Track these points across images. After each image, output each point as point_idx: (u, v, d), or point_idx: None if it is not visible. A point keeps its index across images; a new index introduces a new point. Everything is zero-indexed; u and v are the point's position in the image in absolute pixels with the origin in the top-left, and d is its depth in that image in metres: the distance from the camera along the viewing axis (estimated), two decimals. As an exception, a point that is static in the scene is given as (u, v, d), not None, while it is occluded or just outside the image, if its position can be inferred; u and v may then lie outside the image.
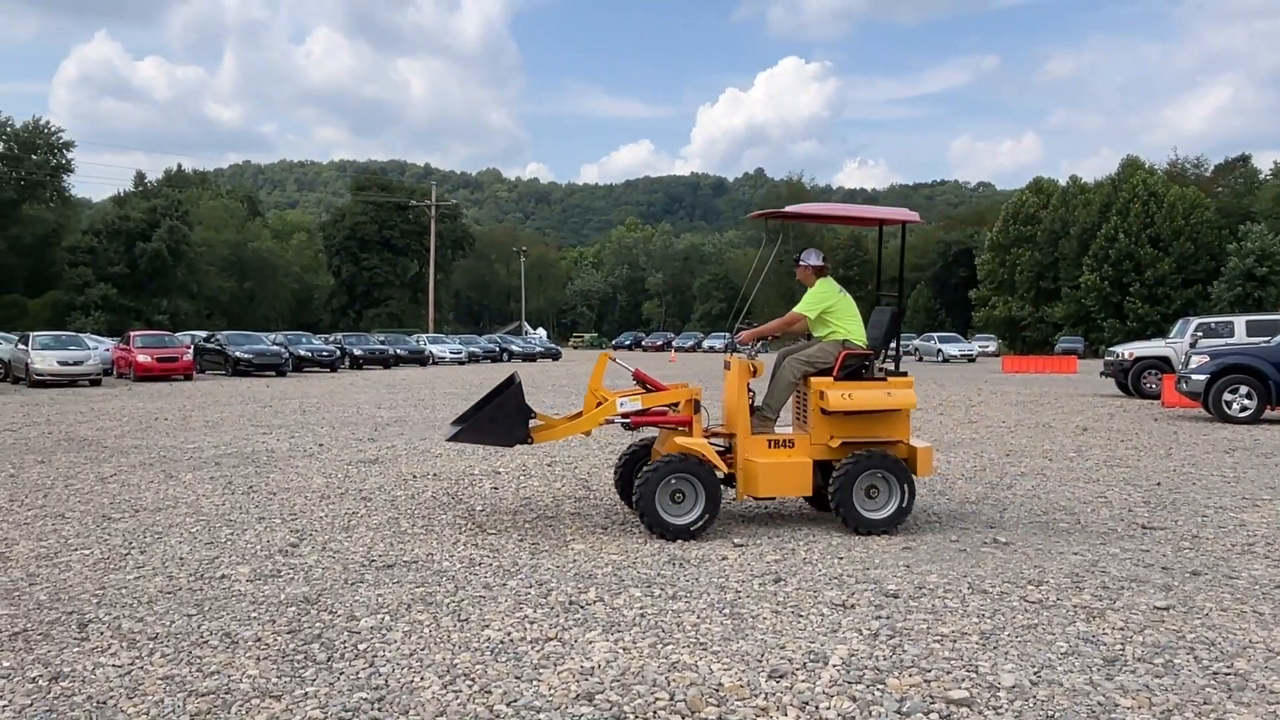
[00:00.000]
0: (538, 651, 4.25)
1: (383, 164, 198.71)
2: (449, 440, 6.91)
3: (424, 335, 50.76)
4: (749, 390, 6.89)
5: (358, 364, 38.18)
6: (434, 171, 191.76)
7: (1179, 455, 11.12)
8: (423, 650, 4.27)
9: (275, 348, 32.31)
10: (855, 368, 6.92)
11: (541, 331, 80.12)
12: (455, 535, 6.64)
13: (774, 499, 7.50)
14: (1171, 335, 23.14)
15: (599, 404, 6.89)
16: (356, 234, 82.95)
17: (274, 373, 30.88)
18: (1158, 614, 4.80)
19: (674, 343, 74.89)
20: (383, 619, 4.72)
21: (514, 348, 53.24)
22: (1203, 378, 15.51)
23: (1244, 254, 56.83)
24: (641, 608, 4.89)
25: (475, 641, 4.39)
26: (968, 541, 6.45)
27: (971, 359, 51.82)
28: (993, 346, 61.42)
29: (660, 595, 5.12)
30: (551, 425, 7.09)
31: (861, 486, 6.64)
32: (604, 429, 7.89)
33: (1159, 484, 8.96)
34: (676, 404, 6.83)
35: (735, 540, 6.42)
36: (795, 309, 7.14)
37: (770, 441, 6.75)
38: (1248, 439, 12.81)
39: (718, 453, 6.69)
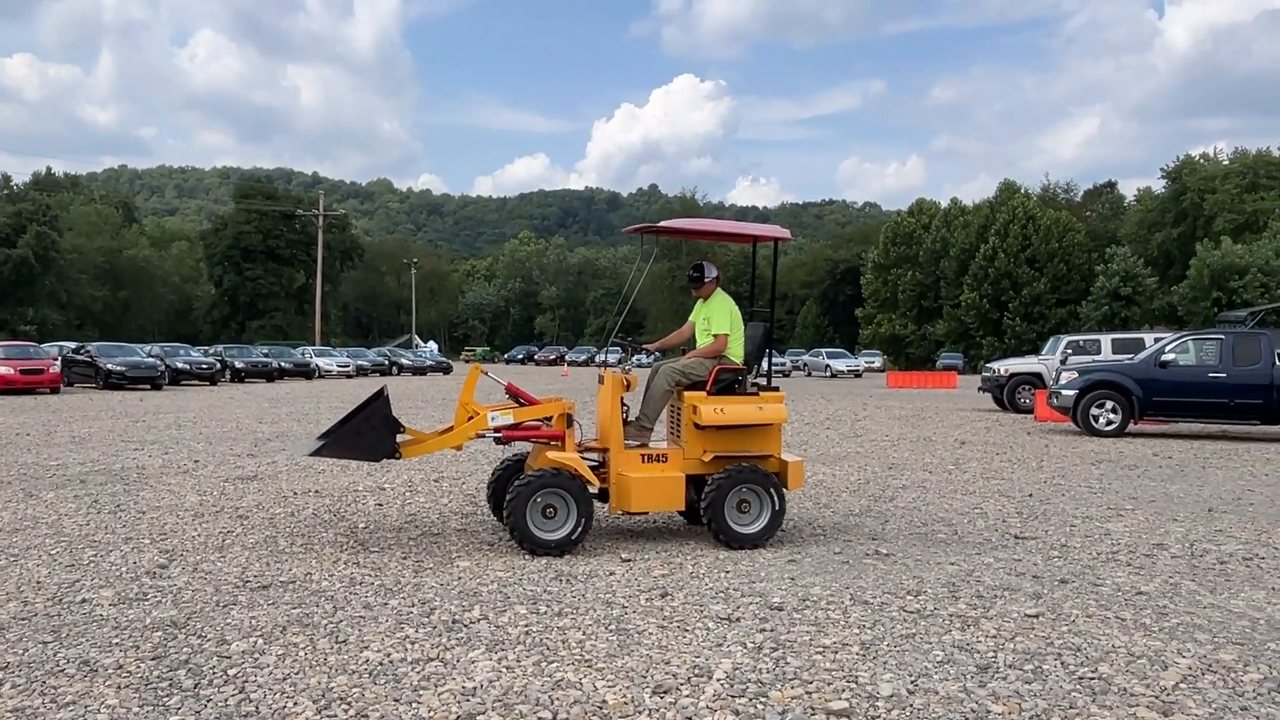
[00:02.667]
0: (418, 672, 4.14)
1: (269, 171, 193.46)
2: (310, 455, 6.68)
3: (310, 348, 49.47)
4: (623, 405, 6.85)
5: (239, 377, 36.93)
6: (323, 180, 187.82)
7: (1050, 467, 11.59)
8: (297, 674, 4.12)
9: (150, 360, 30.99)
10: (729, 382, 6.95)
11: (432, 345, 78.98)
12: (336, 554, 6.45)
13: (648, 514, 7.46)
14: (1044, 352, 24.18)
15: (470, 418, 6.78)
16: (240, 243, 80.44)
17: (149, 386, 29.64)
18: (1028, 621, 4.96)
19: (567, 356, 74.75)
20: (255, 642, 4.54)
21: (404, 361, 52.36)
22: (1072, 393, 16.23)
23: (1110, 275, 59.83)
24: (526, 625, 4.82)
25: (353, 664, 4.26)
26: (851, 553, 6.57)
27: (858, 374, 53.18)
28: (878, 362, 63.21)
29: (546, 612, 5.06)
30: (421, 439, 6.95)
31: (733, 501, 6.65)
32: (487, 445, 7.76)
33: (1031, 495, 9.31)
34: (550, 418, 6.77)
35: (623, 555, 6.41)
36: (715, 330, 7.07)
37: (643, 456, 6.74)
38: (1113, 452, 13.43)
39: (592, 467, 6.64)
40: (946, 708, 3.80)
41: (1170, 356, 16.02)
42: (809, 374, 56.21)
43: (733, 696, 3.89)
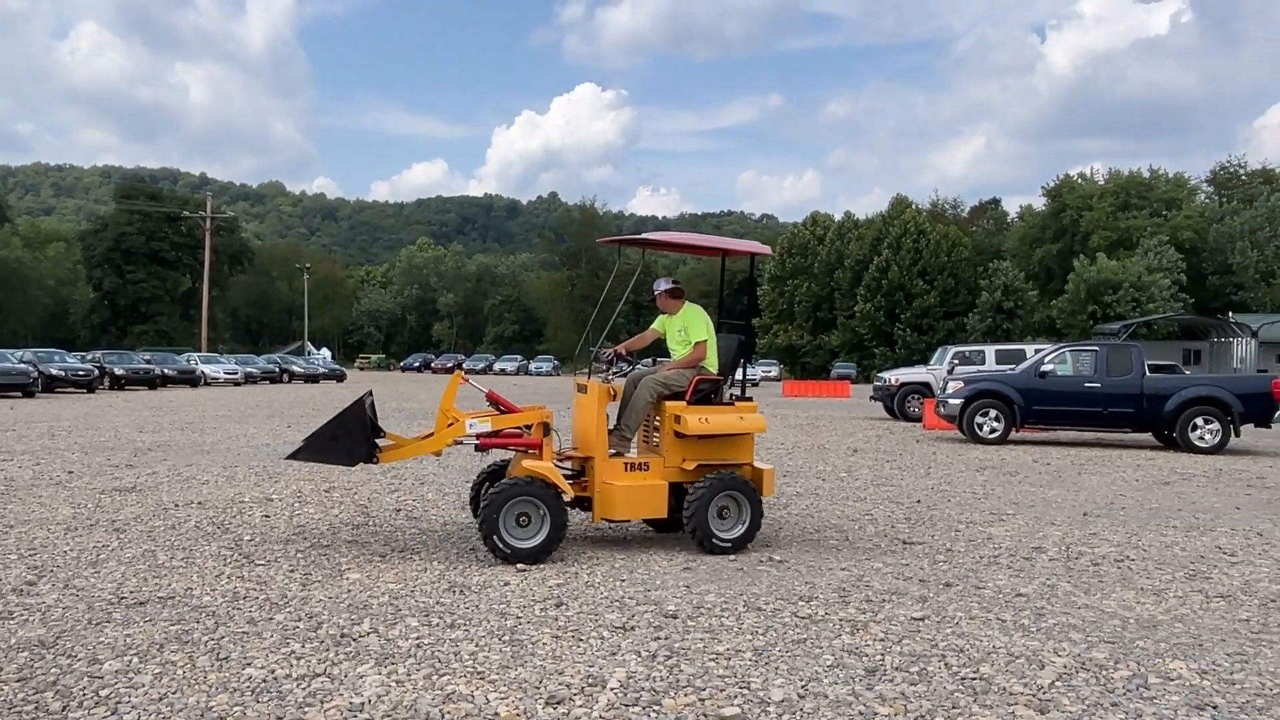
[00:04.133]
0: (303, 689, 4.02)
1: (154, 171, 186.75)
2: (287, 458, 6.59)
3: (196, 354, 47.76)
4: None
5: (119, 384, 35.40)
6: (211, 182, 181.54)
7: (937, 474, 11.94)
8: (174, 694, 3.95)
9: (22, 365, 29.43)
10: (706, 392, 7.08)
11: (325, 352, 77.07)
12: (219, 567, 6.22)
13: (629, 521, 7.50)
14: (932, 363, 24.93)
15: (450, 424, 6.78)
16: (121, 245, 77.27)
17: (20, 393, 28.16)
18: (914, 624, 5.09)
19: (464, 365, 73.93)
20: (130, 661, 4.34)
21: (295, 369, 51.00)
22: (958, 402, 16.77)
23: (994, 289, 62.09)
24: (418, 638, 4.73)
25: (235, 681, 4.11)
26: (745, 560, 6.64)
27: (755, 384, 53.92)
28: (775, 372, 64.23)
29: (438, 624, 4.97)
30: (400, 445, 6.93)
31: (715, 508, 6.79)
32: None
33: (919, 501, 9.56)
34: (529, 426, 6.80)
35: (518, 565, 6.34)
36: (694, 338, 7.15)
37: (626, 464, 6.85)
38: (996, 459, 13.92)
39: (568, 476, 6.68)
40: (836, 711, 3.87)
41: (1049, 367, 16.70)
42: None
43: (626, 705, 3.88)
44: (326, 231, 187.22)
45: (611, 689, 4.06)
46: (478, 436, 6.77)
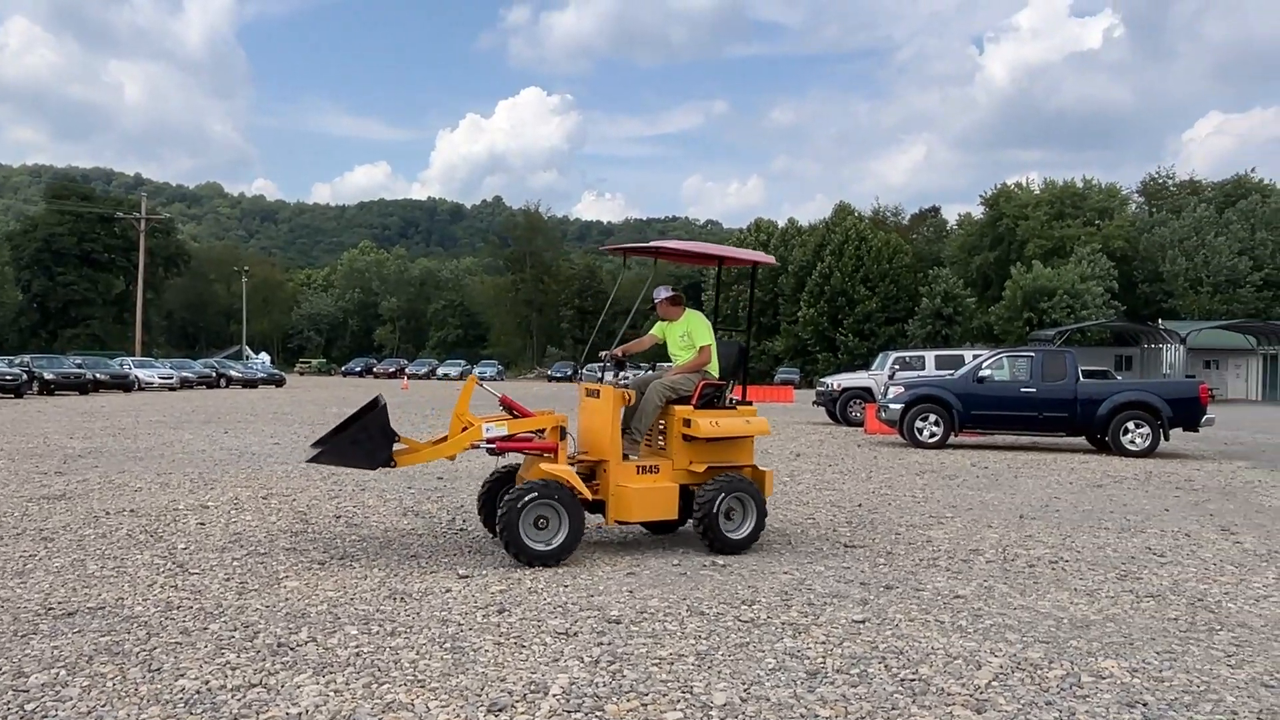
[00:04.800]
0: (238, 700, 3.94)
1: (86, 171, 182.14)
2: (309, 461, 6.62)
3: (129, 358, 46.65)
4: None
5: (49, 389, 34.42)
6: (146, 182, 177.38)
7: (878, 478, 12.09)
8: (104, 707, 3.85)
9: (-54, 370, 28.55)
10: (710, 397, 7.27)
11: (264, 356, 75.81)
12: (152, 576, 6.08)
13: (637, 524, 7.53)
14: (874, 368, 25.26)
15: (464, 428, 6.81)
16: (51, 246, 75.25)
17: (-57, 398, 27.28)
18: (855, 627, 5.14)
19: (408, 369, 73.17)
20: (57, 674, 4.21)
21: (233, 373, 50.03)
22: (898, 407, 17.01)
23: (934, 295, 63.09)
24: (357, 646, 4.66)
25: (167, 693, 4.01)
26: (689, 565, 6.65)
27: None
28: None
29: (378, 632, 4.91)
30: (416, 449, 6.92)
31: (723, 509, 6.95)
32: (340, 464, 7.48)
33: (860, 505, 9.67)
34: (542, 430, 6.87)
35: (460, 571, 6.29)
36: (699, 343, 7.36)
37: (638, 468, 6.96)
38: (935, 463, 14.13)
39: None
40: (777, 714, 3.89)
41: (987, 373, 17.01)
42: (651, 388, 56.86)
43: (569, 712, 3.87)
44: (266, 234, 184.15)
45: (554, 695, 4.04)
46: (494, 440, 6.81)
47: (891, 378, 20.50)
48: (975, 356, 19.82)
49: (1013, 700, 4.09)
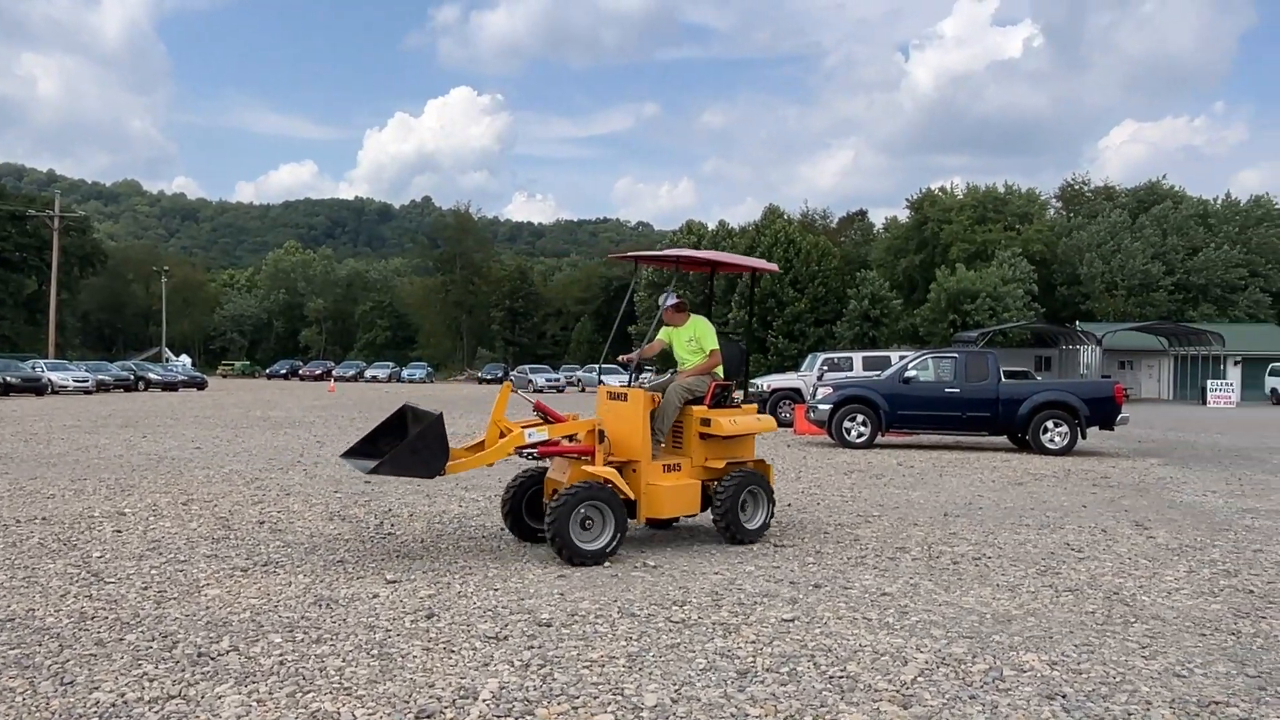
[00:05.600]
0: (156, 713, 3.82)
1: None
2: (369, 473, 6.60)
3: (42, 361, 45.07)
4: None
5: (-45, 393, 33.14)
6: (60, 179, 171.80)
7: (807, 478, 12.22)
8: (12, 723, 3.71)
9: None
10: (719, 397, 7.65)
11: (185, 359, 73.91)
12: (65, 586, 5.87)
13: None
14: (803, 369, 25.56)
15: (501, 435, 6.91)
16: (-42, 245, 72.29)
17: None
18: (785, 626, 5.19)
19: (334, 372, 71.96)
20: (-38, 690, 4.04)
21: (152, 376, 48.65)
22: (827, 408, 17.23)
23: (861, 297, 64.06)
24: (281, 655, 4.56)
25: (80, 707, 3.87)
26: (620, 567, 6.64)
27: (630, 390, 54.20)
28: (648, 378, 64.65)
29: (303, 640, 4.80)
30: (460, 457, 6.93)
31: (740, 501, 7.39)
32: (270, 466, 7.33)
33: (790, 505, 9.76)
34: (575, 434, 7.10)
35: (388, 576, 6.20)
36: (708, 347, 7.74)
37: (664, 466, 7.27)
38: (863, 462, 14.34)
39: None
40: (708, 714, 3.90)
41: (912, 373, 17.32)
42: (583, 390, 56.81)
43: (499, 717, 3.83)
44: (186, 233, 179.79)
45: (483, 700, 4.00)
46: (536, 445, 6.98)
47: (820, 379, 20.76)
48: (901, 358, 20.17)
49: (938, 695, 4.16)
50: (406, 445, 6.65)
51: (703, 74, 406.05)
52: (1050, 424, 16.26)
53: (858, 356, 24.66)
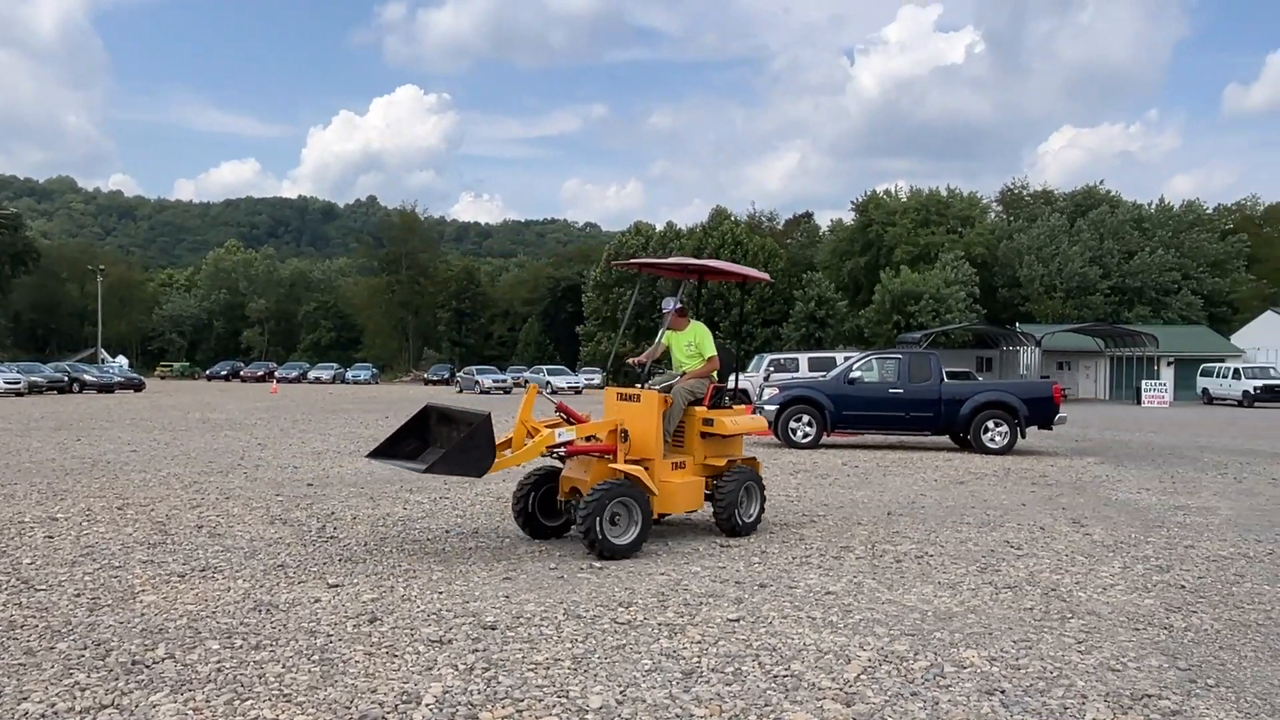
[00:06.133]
0: (88, 723, 3.73)
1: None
2: (424, 471, 6.76)
3: (-29, 362, 43.76)
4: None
5: (-121, 395, 32.05)
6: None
7: (753, 478, 12.27)
8: (-65, 736, 3.58)
9: None
10: (716, 398, 8.10)
11: (122, 360, 72.27)
12: (-7, 594, 5.70)
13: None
14: (750, 370, 25.71)
15: (529, 435, 7.11)
16: (-118, 242, 70.06)
17: None
18: (730, 625, 5.21)
19: (277, 373, 70.86)
20: (-118, 703, 3.91)
21: (87, 377, 47.48)
22: (773, 408, 17.33)
23: (807, 299, 64.64)
24: (219, 661, 4.47)
25: (9, 718, 3.76)
26: (566, 569, 6.62)
27: (578, 391, 54.11)
28: (598, 379, 64.57)
29: (242, 646, 4.72)
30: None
31: (739, 496, 7.88)
32: (202, 470, 7.18)
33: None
34: (597, 435, 7.41)
35: (330, 580, 6.11)
36: (707, 353, 8.15)
37: (672, 464, 7.66)
38: (809, 462, 14.46)
39: None
40: (653, 715, 3.90)
41: (857, 374, 17.51)
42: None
43: (442, 721, 3.79)
44: (124, 231, 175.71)
45: (426, 705, 3.95)
46: (564, 445, 7.27)
47: (767, 379, 20.90)
48: (846, 359, 20.38)
49: (880, 692, 4.20)
50: (458, 445, 6.80)
51: (651, 76, 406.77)
52: (991, 424, 16.53)
53: (804, 358, 24.91)
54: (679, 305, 8.29)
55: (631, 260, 8.82)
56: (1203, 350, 54.91)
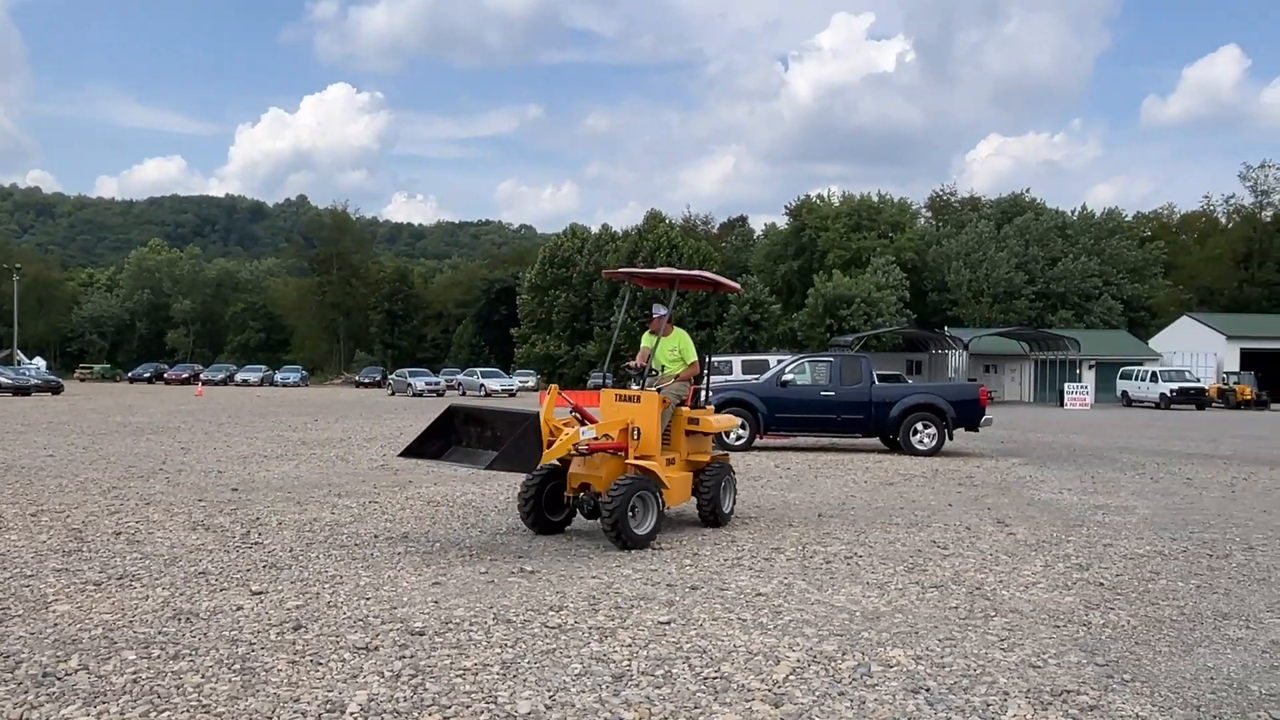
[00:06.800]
0: (-7, 738, 3.59)
1: None
2: (486, 468, 7.02)
3: (-123, 364, 41.99)
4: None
5: None
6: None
7: (686, 480, 12.31)
8: None
9: None
10: (695, 399, 8.80)
11: (39, 361, 69.90)
12: (-106, 606, 5.46)
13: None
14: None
15: (551, 433, 7.34)
16: None
17: None
18: (661, 628, 5.21)
19: (202, 375, 69.21)
20: None
21: (2, 380, 45.86)
22: (707, 410, 17.40)
23: (741, 302, 65.11)
24: (135, 672, 4.34)
25: (-93, 736, 3.61)
26: (496, 572, 6.56)
27: (512, 393, 53.78)
28: (532, 381, 64.27)
29: (160, 656, 4.58)
30: None
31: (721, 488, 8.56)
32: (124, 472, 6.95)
33: (667, 507, 9.80)
34: (609, 433, 7.79)
35: (253, 587, 5.97)
36: (689, 359, 8.78)
37: (666, 460, 8.16)
38: (741, 464, 14.53)
39: None
40: (582, 719, 3.88)
41: (790, 377, 17.68)
42: (463, 393, 56.08)
43: (366, 730, 3.72)
44: (42, 229, 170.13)
45: (351, 714, 3.88)
46: (588, 442, 7.67)
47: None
48: (779, 361, 20.56)
49: (808, 692, 4.23)
50: (513, 443, 7.09)
51: (587, 78, 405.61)
52: (919, 426, 16.82)
53: (737, 360, 25.05)
54: (666, 312, 8.85)
55: (620, 270, 9.52)
56: (1122, 354, 56.62)
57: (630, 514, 7.36)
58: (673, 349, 8.81)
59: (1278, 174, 73.99)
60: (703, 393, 9.08)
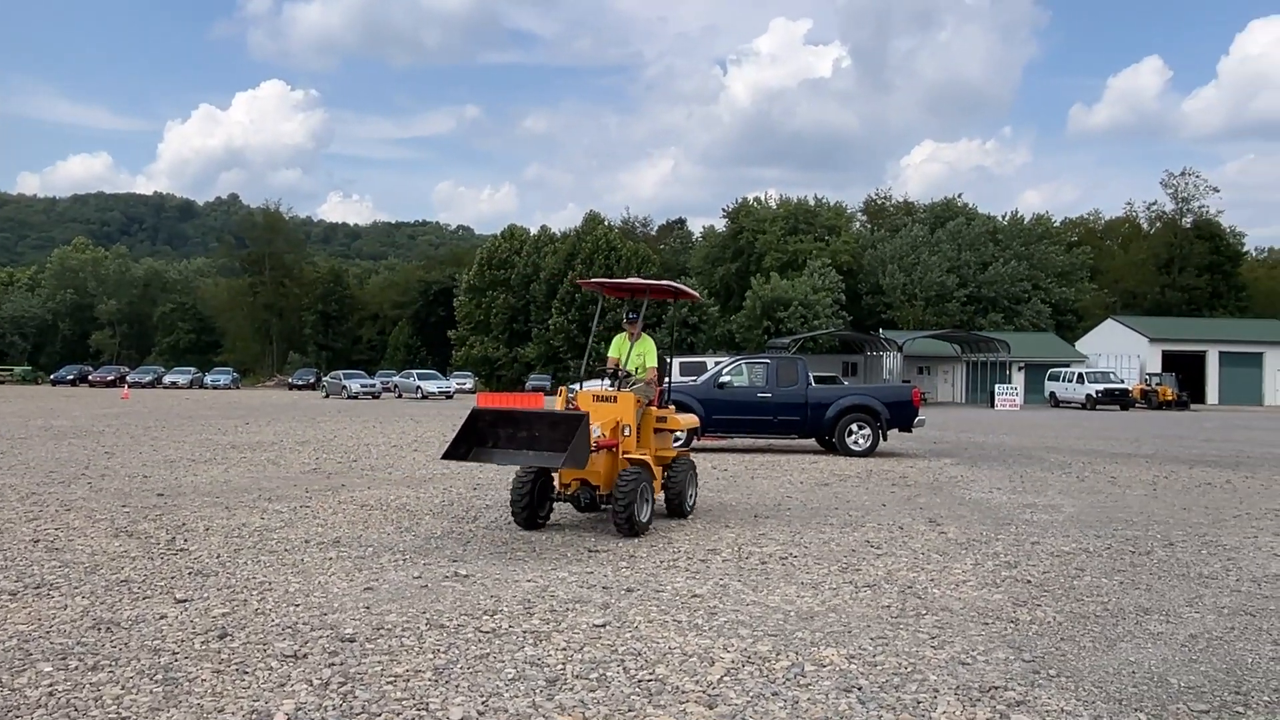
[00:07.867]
0: (-103, 757, 3.43)
1: None
2: (560, 467, 7.76)
3: None
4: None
5: None
6: None
7: (624, 482, 12.30)
8: None
9: None
10: (660, 400, 9.36)
11: (-43, 363, 67.57)
12: None
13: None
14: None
15: None
16: None
17: None
18: (596, 631, 5.18)
19: (129, 377, 67.48)
20: None
21: (-84, 382, 44.21)
22: (645, 412, 17.42)
23: (680, 304, 65.48)
24: (51, 685, 4.19)
25: None
26: (430, 576, 6.48)
27: (449, 396, 53.36)
28: (470, 384, 63.82)
29: (78, 667, 4.43)
30: None
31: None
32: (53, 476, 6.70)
33: (604, 511, 9.79)
34: (603, 431, 8.26)
35: (178, 595, 5.81)
36: (650, 364, 9.36)
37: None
38: (679, 466, 14.57)
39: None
40: (515, 725, 3.84)
41: (727, 378, 17.77)
42: (399, 395, 55.47)
43: (293, 739, 3.64)
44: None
45: (277, 723, 3.79)
46: (597, 440, 8.05)
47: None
48: (717, 363, 20.66)
49: (742, 693, 4.24)
50: (576, 441, 7.44)
51: (526, 79, 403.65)
52: (854, 427, 17.03)
53: (675, 362, 25.09)
54: (638, 317, 9.48)
55: (593, 280, 10.14)
56: (1050, 356, 58.02)
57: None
58: (639, 354, 9.44)
59: (1198, 181, 76.53)
60: (666, 393, 9.62)
